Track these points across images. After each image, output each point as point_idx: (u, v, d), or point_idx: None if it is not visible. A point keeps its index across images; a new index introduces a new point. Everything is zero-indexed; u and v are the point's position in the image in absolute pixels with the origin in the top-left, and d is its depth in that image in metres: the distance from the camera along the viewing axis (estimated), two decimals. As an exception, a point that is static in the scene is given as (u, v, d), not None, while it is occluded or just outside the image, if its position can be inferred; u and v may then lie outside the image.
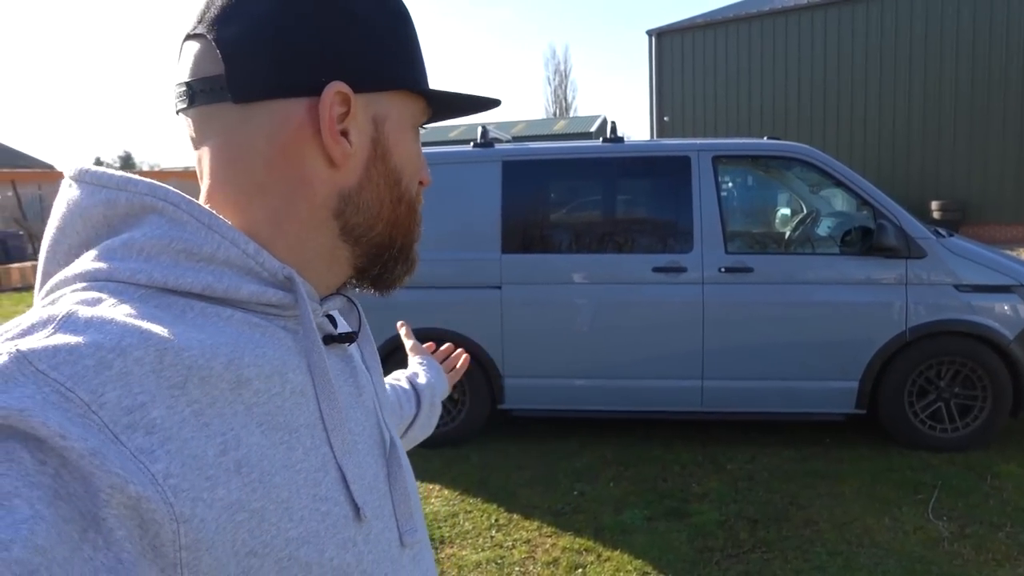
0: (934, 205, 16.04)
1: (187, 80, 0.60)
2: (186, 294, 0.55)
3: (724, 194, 4.50)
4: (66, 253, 0.57)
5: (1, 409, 0.42)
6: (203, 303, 0.56)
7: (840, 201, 5.03)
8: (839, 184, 4.41)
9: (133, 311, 0.51)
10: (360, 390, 0.67)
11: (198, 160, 0.62)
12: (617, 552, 3.36)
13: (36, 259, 15.19)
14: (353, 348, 0.71)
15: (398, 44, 0.63)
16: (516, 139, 6.01)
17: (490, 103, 0.71)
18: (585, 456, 4.46)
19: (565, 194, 4.76)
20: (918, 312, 4.21)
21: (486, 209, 4.57)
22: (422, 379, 1.19)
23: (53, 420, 0.43)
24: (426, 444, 4.67)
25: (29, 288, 13.66)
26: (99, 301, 0.52)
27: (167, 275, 0.54)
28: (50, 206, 18.28)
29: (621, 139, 4.63)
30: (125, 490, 0.44)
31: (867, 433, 4.58)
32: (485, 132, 4.74)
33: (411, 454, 4.59)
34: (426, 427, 1.16)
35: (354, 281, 0.68)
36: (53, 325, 0.48)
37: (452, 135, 36.32)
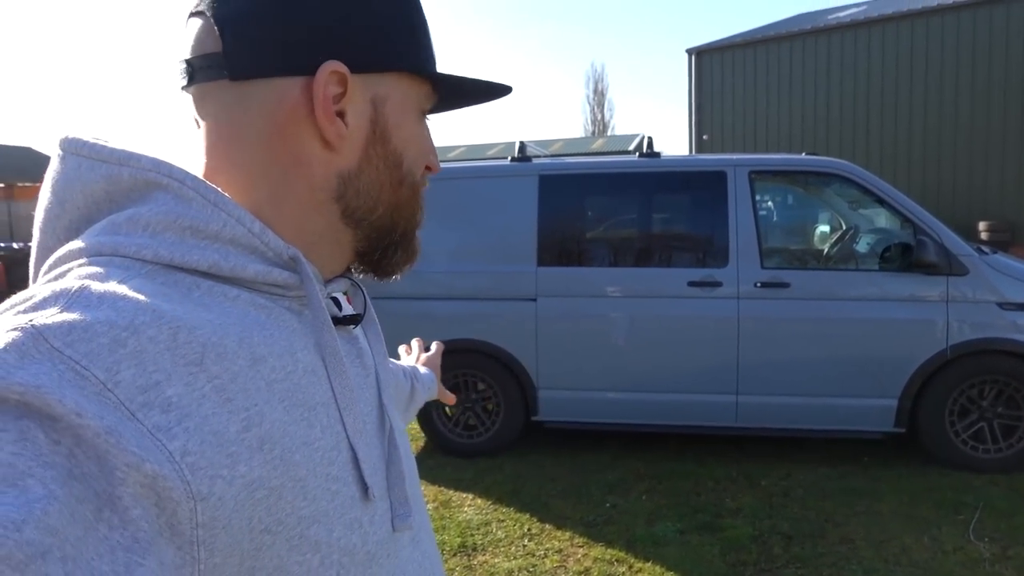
0: (982, 225, 15.67)
1: (187, 57, 0.60)
2: (192, 271, 0.55)
3: (761, 210, 4.50)
4: (66, 228, 0.57)
5: (18, 386, 0.41)
6: (209, 282, 0.55)
7: (879, 218, 4.98)
8: (878, 200, 4.38)
9: (143, 288, 0.51)
10: (367, 372, 0.68)
11: (200, 138, 0.62)
12: (649, 564, 3.36)
13: None
14: (358, 330, 0.71)
15: (401, 25, 0.62)
16: (554, 156, 6.07)
17: (500, 89, 0.69)
18: (618, 469, 4.46)
19: (601, 208, 4.80)
20: (960, 330, 4.14)
21: (522, 222, 4.64)
22: (418, 380, 1.23)
23: (69, 398, 0.42)
24: (461, 454, 4.72)
25: None
26: (108, 277, 0.51)
27: (173, 252, 0.54)
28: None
29: (657, 154, 4.67)
30: (141, 468, 0.43)
31: (906, 452, 4.50)
32: (523, 147, 4.82)
33: (445, 464, 4.65)
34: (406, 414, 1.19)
35: (355, 265, 0.67)
36: (66, 300, 0.47)
37: (490, 153, 36.70)
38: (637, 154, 4.74)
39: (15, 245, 16.88)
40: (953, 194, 16.49)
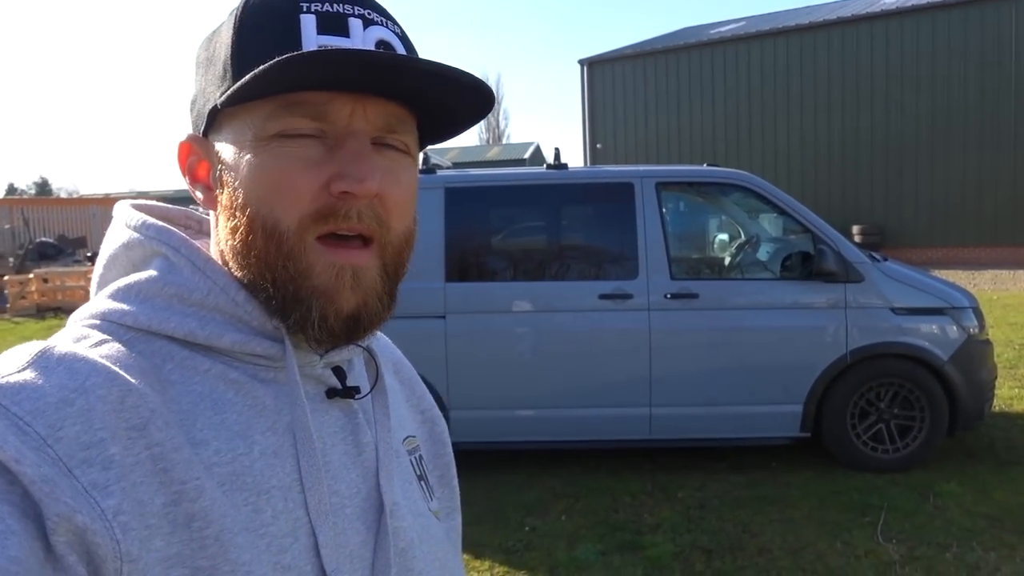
0: (855, 229, 16.69)
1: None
2: (170, 339, 0.56)
3: (668, 221, 4.50)
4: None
5: None
6: (186, 352, 0.56)
7: (778, 227, 5.12)
8: (779, 210, 4.47)
9: (109, 352, 0.53)
10: (360, 448, 0.62)
11: None
12: (573, 590, 3.24)
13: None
14: (361, 404, 0.65)
15: (219, 64, 0.58)
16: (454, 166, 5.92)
17: (340, 57, 0.53)
18: (534, 489, 4.34)
19: (510, 221, 4.69)
20: (858, 335, 4.28)
21: (429, 237, 4.45)
22: None
23: (10, 445, 0.44)
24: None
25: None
26: (83, 339, 0.54)
27: (151, 318, 0.56)
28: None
29: (565, 166, 4.60)
30: (72, 520, 0.44)
31: (812, 456, 4.61)
32: (427, 158, 4.64)
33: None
34: None
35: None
36: (27, 361, 0.49)
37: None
38: (545, 166, 4.66)
39: None
40: (828, 199, 17.51)
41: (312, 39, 0.55)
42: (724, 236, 5.47)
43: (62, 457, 0.46)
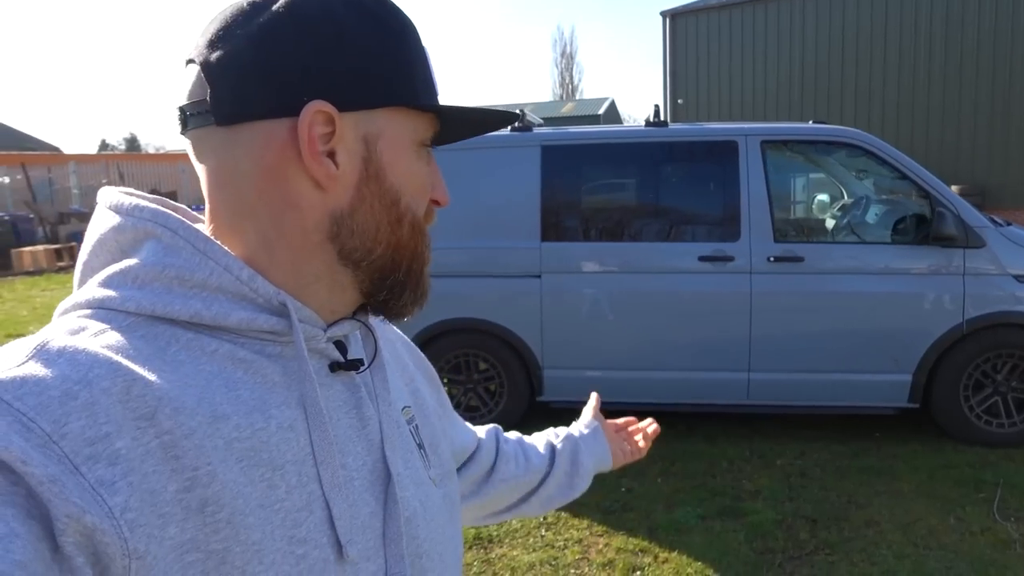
0: (953, 189, 15.81)
1: (181, 104, 0.60)
2: (173, 322, 0.56)
3: (772, 181, 4.33)
4: (90, 277, 0.59)
5: None
6: (190, 334, 0.56)
7: (890, 187, 4.85)
8: (894, 170, 4.24)
9: (112, 341, 0.52)
10: (364, 422, 0.64)
11: (201, 182, 0.62)
12: (674, 553, 3.24)
13: (46, 242, 15.13)
14: (361, 377, 0.67)
15: (391, 60, 0.60)
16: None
17: (507, 118, 0.69)
18: (628, 450, 4.33)
19: (607, 180, 4.60)
20: (976, 303, 4.05)
21: (525, 195, 4.42)
22: (562, 439, 1.10)
23: (15, 445, 0.43)
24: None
25: (41, 272, 13.56)
26: (82, 329, 0.53)
27: (155, 303, 0.55)
28: (59, 189, 18.25)
29: (665, 123, 4.47)
30: (81, 520, 0.44)
31: (918, 428, 4.44)
32: (523, 115, 4.57)
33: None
34: (568, 489, 1.08)
35: (364, 306, 0.66)
36: (27, 354, 0.48)
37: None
38: (644, 123, 4.53)
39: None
40: (926, 157, 16.60)
41: (432, 72, 0.66)
42: (830, 197, 5.23)
43: (68, 454, 0.45)
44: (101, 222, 0.60)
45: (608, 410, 4.47)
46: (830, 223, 4.87)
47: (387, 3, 0.62)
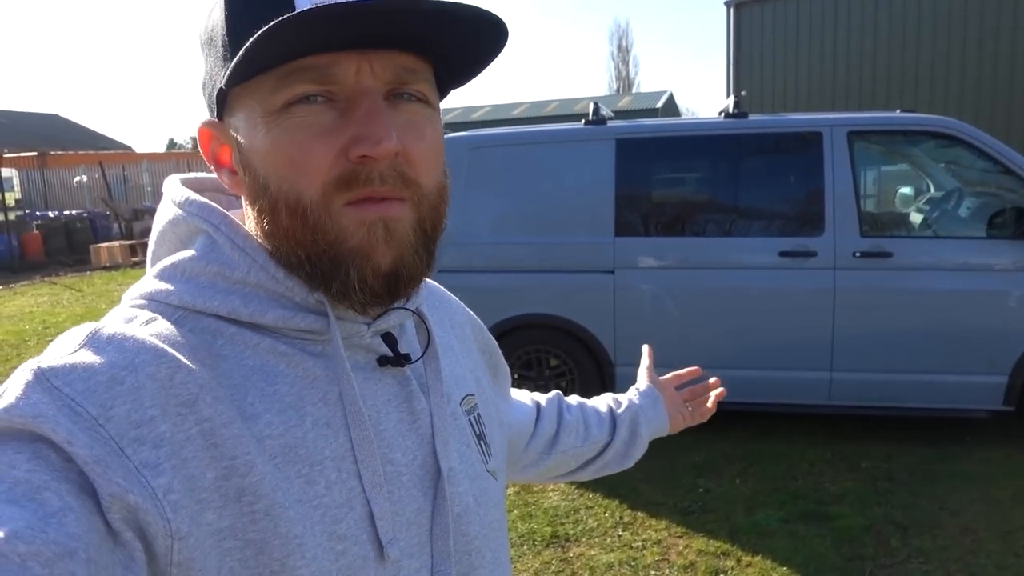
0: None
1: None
2: (218, 317, 0.56)
3: (859, 173, 4.16)
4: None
5: (20, 416, 0.45)
6: (234, 328, 0.56)
7: (984, 178, 4.61)
8: (990, 159, 4.03)
9: (160, 331, 0.53)
10: (415, 415, 0.62)
11: None
12: (758, 557, 3.14)
13: (121, 238, 15.71)
14: (413, 369, 0.64)
15: (221, 44, 0.55)
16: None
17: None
18: (703, 450, 4.23)
19: (683, 174, 4.50)
20: (1080, 302, 3.82)
21: (598, 190, 4.35)
22: (623, 408, 1.08)
23: (63, 427, 0.45)
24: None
25: (117, 267, 14.09)
26: (133, 319, 0.55)
27: (196, 297, 0.56)
28: (132, 186, 18.95)
29: (744, 114, 4.34)
30: (124, 499, 0.45)
31: (1012, 432, 4.22)
32: (597, 108, 4.51)
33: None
34: (623, 459, 1.07)
35: (406, 294, 0.61)
36: (80, 342, 0.50)
37: (515, 113, 36.08)
38: (722, 114, 4.41)
39: (50, 214, 16.90)
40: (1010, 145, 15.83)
41: (306, 0, 0.52)
42: (920, 190, 5.00)
43: (113, 436, 0.46)
44: (163, 214, 0.62)
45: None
46: (920, 217, 4.66)
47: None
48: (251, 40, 0.48)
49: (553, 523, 3.51)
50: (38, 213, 17.10)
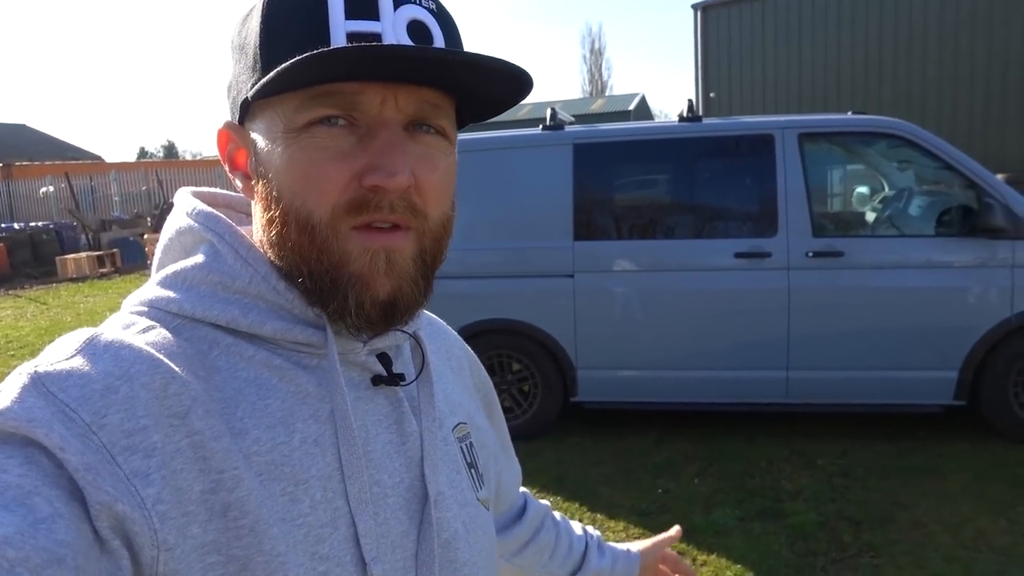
0: (1000, 177, 15.36)
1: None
2: (216, 326, 0.56)
3: (810, 175, 4.23)
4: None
5: (13, 420, 0.45)
6: (231, 339, 0.56)
7: (933, 178, 4.71)
8: (938, 160, 4.12)
9: (156, 339, 0.54)
10: (404, 438, 0.62)
11: None
12: (713, 556, 3.18)
13: (88, 249, 15.48)
14: (406, 391, 0.64)
15: (250, 55, 0.57)
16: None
17: (361, 51, 0.51)
18: (664, 451, 4.27)
19: (640, 178, 4.54)
20: (1025, 297, 3.91)
21: (557, 194, 4.38)
22: (599, 558, 0.99)
23: (56, 432, 0.45)
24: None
25: (84, 279, 13.89)
26: (131, 326, 0.55)
27: (195, 306, 0.56)
28: (100, 196, 18.65)
29: (699, 118, 4.39)
30: (113, 508, 0.45)
31: (965, 426, 4.31)
32: (554, 114, 4.54)
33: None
34: None
35: (403, 317, 0.61)
36: (76, 348, 0.50)
37: (520, 114, 36.06)
38: (677, 118, 4.46)
39: (16, 226, 16.62)
40: (969, 144, 16.13)
41: (340, 26, 0.53)
42: (871, 190, 5.10)
43: (106, 444, 0.46)
44: (172, 223, 0.63)
45: (643, 410, 4.40)
46: (871, 216, 4.74)
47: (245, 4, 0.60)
48: (288, 64, 0.50)
49: None
50: (3, 225, 16.81)
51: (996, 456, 3.92)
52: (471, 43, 0.60)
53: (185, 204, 0.63)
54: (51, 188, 19.74)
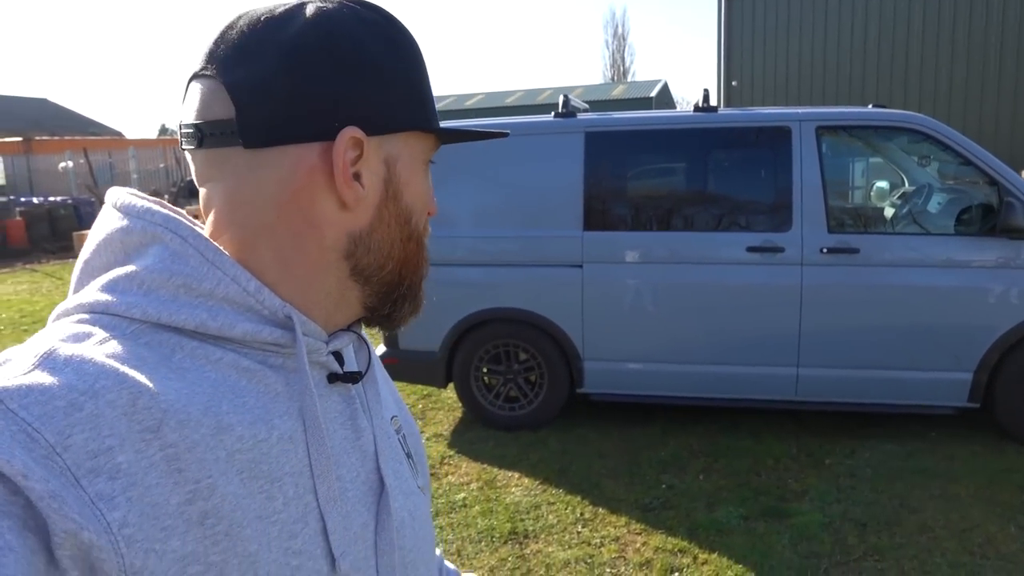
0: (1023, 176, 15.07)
1: (196, 122, 0.59)
2: (179, 330, 0.56)
3: (827, 169, 4.14)
4: (90, 277, 0.58)
5: None
6: (195, 342, 0.56)
7: (954, 175, 4.60)
8: (960, 157, 4.01)
9: (117, 350, 0.52)
10: (359, 433, 0.65)
11: (203, 198, 0.62)
12: (715, 555, 3.14)
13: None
14: (357, 388, 0.68)
15: (408, 86, 0.63)
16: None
17: (497, 136, 0.71)
18: (670, 445, 4.23)
19: (653, 168, 4.46)
20: (1045, 299, 3.81)
21: (567, 183, 4.32)
22: None
23: (18, 459, 0.43)
24: (501, 427, 4.52)
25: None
26: (87, 336, 0.52)
27: (161, 311, 0.55)
28: (119, 173, 18.82)
29: (715, 108, 4.31)
30: (78, 536, 0.44)
31: (978, 429, 4.23)
32: (567, 101, 4.47)
33: (486, 438, 4.44)
34: None
35: (364, 319, 0.67)
36: (33, 362, 0.48)
37: (509, 100, 35.90)
38: (693, 108, 4.38)
39: (35, 200, 16.76)
40: (995, 142, 15.84)
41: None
42: (889, 185, 4.99)
43: (70, 467, 0.45)
44: (108, 222, 0.60)
45: (650, 404, 4.36)
46: (888, 213, 4.64)
47: (401, 28, 0.64)
48: (467, 125, 0.64)
49: (513, 519, 3.50)
50: (22, 199, 16.95)
51: (1008, 461, 3.85)
52: (494, 28, 0.65)
53: (128, 202, 0.60)
54: (70, 163, 19.87)
